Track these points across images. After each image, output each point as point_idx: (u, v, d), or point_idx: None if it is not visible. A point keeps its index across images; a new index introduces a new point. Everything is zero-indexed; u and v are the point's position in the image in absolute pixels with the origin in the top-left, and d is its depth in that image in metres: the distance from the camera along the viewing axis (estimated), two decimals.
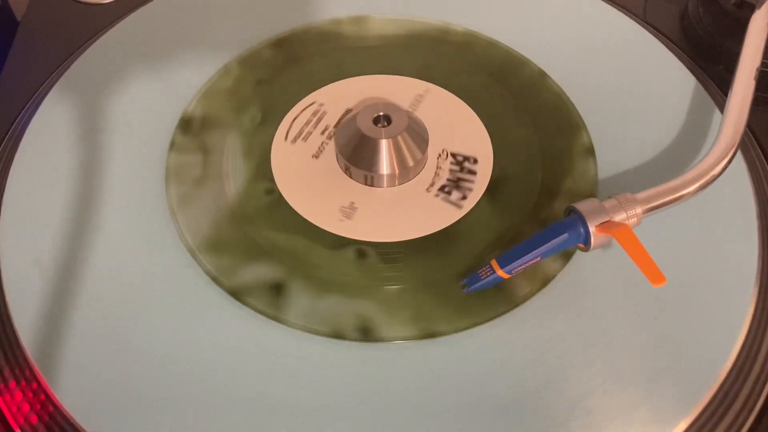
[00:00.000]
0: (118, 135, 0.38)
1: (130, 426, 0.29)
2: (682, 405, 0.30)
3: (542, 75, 0.41)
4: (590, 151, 0.38)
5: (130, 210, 0.35)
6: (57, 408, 0.30)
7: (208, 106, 0.39)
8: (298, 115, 0.39)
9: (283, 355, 0.31)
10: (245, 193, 0.36)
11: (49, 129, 0.38)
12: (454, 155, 0.37)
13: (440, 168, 0.37)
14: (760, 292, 0.33)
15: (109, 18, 0.45)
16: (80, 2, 0.46)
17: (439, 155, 0.37)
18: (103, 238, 0.34)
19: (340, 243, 0.34)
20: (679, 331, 0.32)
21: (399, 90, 0.40)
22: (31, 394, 0.31)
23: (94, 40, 0.43)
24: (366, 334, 0.31)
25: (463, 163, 0.37)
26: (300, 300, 0.32)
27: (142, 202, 0.36)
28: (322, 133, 0.38)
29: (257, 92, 0.40)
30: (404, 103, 0.39)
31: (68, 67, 0.41)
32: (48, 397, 0.30)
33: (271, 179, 0.36)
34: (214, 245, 0.34)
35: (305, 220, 0.35)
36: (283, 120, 0.39)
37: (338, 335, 0.31)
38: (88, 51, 0.42)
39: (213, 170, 0.37)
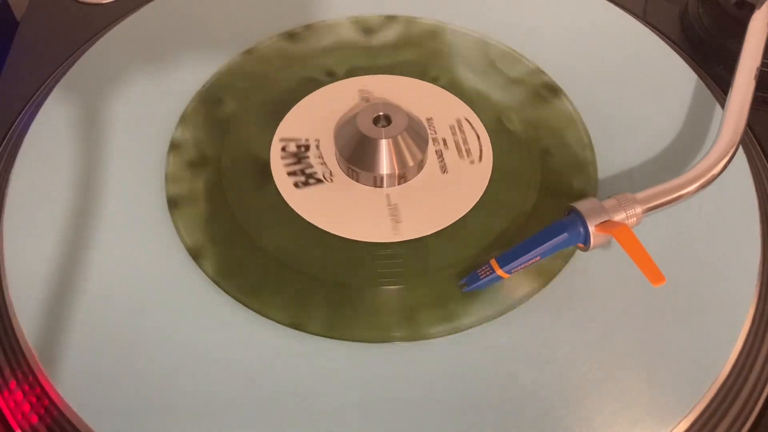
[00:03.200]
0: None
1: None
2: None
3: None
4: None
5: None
6: (57, 408, 0.30)
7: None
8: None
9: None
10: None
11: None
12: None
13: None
14: (761, 292, 0.33)
15: (109, 18, 0.45)
16: (80, 2, 0.46)
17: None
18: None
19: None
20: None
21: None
22: (31, 394, 0.31)
23: (94, 41, 0.43)
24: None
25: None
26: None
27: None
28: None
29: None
30: (404, 103, 0.39)
31: (68, 67, 0.41)
32: (49, 397, 0.30)
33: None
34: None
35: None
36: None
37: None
38: (89, 51, 0.42)
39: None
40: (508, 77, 0.41)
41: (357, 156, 0.35)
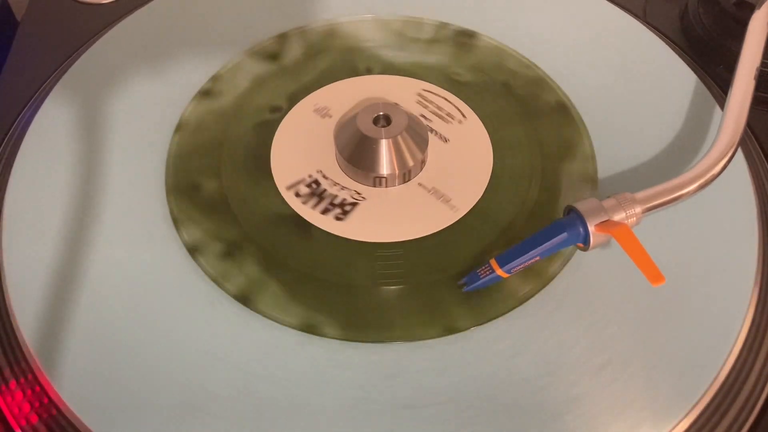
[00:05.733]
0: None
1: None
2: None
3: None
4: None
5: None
6: (57, 408, 0.30)
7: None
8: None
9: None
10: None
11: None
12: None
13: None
14: (760, 292, 0.33)
15: (109, 18, 0.45)
16: (80, 2, 0.46)
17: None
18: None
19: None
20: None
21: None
22: (31, 394, 0.31)
23: (94, 40, 0.43)
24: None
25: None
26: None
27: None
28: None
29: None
30: (404, 103, 0.39)
31: (69, 67, 0.41)
32: (49, 397, 0.30)
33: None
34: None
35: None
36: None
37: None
38: (88, 51, 0.42)
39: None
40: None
41: (357, 156, 0.35)
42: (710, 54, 0.43)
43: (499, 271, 0.32)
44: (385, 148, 0.35)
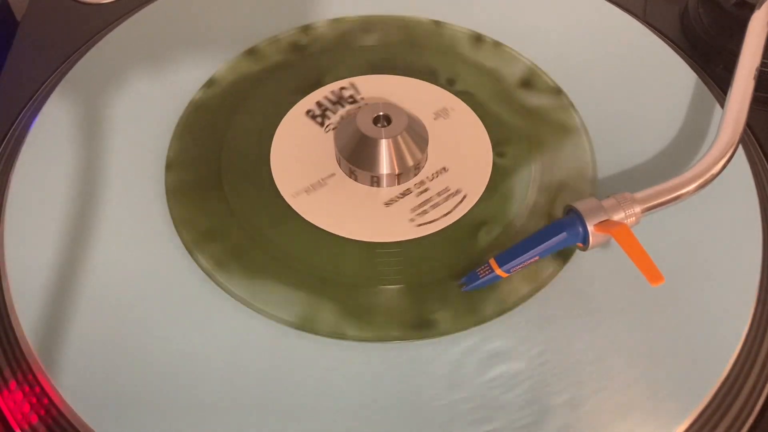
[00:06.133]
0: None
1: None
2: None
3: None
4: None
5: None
6: (57, 408, 0.30)
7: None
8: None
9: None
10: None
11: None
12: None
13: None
14: (761, 292, 0.33)
15: (109, 18, 0.45)
16: (80, 2, 0.46)
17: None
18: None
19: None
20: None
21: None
22: (31, 394, 0.31)
23: (95, 41, 0.43)
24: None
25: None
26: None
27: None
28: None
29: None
30: (403, 103, 0.39)
31: (69, 67, 0.41)
32: (49, 397, 0.30)
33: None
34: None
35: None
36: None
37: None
38: (90, 52, 0.42)
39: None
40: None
41: (357, 156, 0.35)
42: (710, 54, 0.43)
43: (499, 271, 0.32)
44: (385, 148, 0.35)
